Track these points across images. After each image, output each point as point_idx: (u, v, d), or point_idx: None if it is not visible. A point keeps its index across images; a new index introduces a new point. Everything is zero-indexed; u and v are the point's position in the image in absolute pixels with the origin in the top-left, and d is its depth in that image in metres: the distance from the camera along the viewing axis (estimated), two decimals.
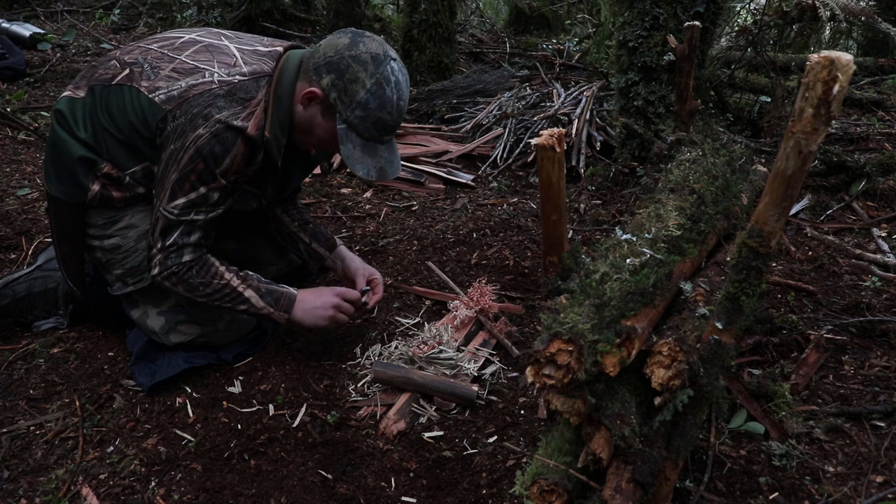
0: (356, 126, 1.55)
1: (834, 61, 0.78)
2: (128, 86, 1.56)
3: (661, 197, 1.50)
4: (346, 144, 1.56)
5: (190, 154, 1.49)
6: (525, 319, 1.97)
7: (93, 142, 1.58)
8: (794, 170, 0.87)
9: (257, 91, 1.55)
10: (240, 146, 1.52)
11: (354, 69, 1.51)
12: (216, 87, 1.52)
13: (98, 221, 1.66)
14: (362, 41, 1.54)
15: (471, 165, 3.30)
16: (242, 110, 1.52)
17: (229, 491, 1.39)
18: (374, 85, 1.51)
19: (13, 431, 1.54)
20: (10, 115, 3.31)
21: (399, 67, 1.56)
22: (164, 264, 1.57)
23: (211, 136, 1.48)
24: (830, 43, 5.16)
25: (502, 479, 1.40)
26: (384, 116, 1.55)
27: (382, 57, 1.53)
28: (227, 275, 1.62)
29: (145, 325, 1.72)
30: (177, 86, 1.53)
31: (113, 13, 5.52)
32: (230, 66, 1.57)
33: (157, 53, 1.61)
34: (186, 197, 1.53)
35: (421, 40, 4.23)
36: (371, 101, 1.52)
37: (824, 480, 1.33)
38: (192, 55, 1.60)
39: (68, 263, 1.72)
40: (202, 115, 1.49)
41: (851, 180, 2.61)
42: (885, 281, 1.95)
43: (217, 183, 1.54)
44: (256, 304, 1.63)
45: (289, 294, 1.67)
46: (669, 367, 1.09)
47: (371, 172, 1.59)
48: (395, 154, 1.66)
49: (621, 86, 2.71)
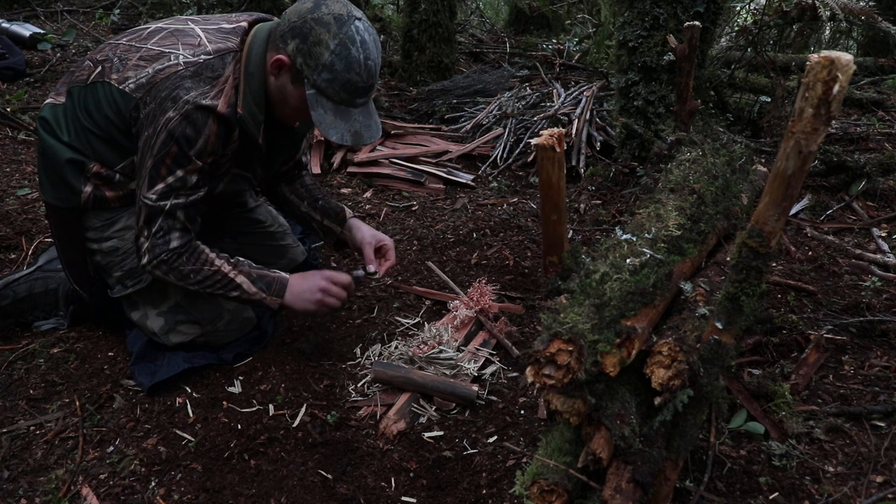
0: (324, 90, 1.51)
1: (834, 61, 0.78)
2: (100, 82, 1.57)
3: (661, 197, 1.50)
4: (317, 109, 1.52)
5: (162, 138, 1.48)
6: (525, 319, 1.97)
7: (77, 143, 1.59)
8: (794, 170, 0.87)
9: (224, 68, 1.54)
10: (211, 125, 1.50)
11: (317, 31, 1.47)
12: (182, 69, 1.51)
13: (95, 224, 1.66)
14: (325, 3, 1.50)
15: (471, 165, 3.30)
16: (211, 89, 1.51)
17: (229, 491, 1.39)
18: (337, 45, 1.47)
19: (13, 431, 1.54)
20: (10, 115, 3.31)
21: (365, 27, 1.52)
22: (152, 252, 1.56)
23: (181, 118, 1.47)
24: (830, 43, 5.15)
25: (502, 479, 1.40)
26: (352, 77, 1.50)
27: (346, 17, 1.49)
28: (218, 261, 1.61)
29: (145, 326, 1.72)
30: (144, 73, 1.53)
31: (113, 13, 5.52)
32: (195, 47, 1.56)
33: (126, 46, 1.62)
34: (164, 182, 1.52)
35: (421, 40, 4.23)
36: (336, 63, 1.48)
37: (824, 480, 1.33)
38: (157, 42, 1.60)
39: (73, 268, 1.73)
40: (171, 97, 1.48)
41: (851, 180, 2.61)
42: (885, 281, 1.95)
43: (193, 165, 1.52)
44: (248, 289, 1.62)
45: (280, 278, 1.66)
46: (669, 367, 1.09)
47: (345, 136, 1.55)
48: (371, 118, 1.61)
49: (621, 86, 2.71)
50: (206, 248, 1.62)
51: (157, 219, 1.54)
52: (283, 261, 2.05)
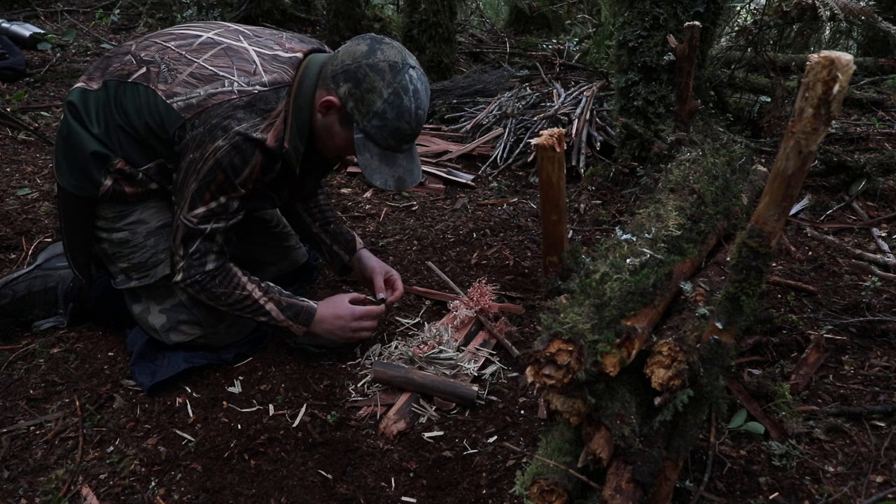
0: (373, 136, 1.53)
1: (834, 61, 0.78)
2: (144, 85, 1.54)
3: (661, 197, 1.50)
4: (364, 154, 1.54)
5: (209, 165, 1.48)
6: (525, 319, 1.97)
7: (106, 138, 1.57)
8: (794, 170, 0.87)
9: (277, 102, 1.53)
10: (258, 157, 1.51)
11: (371, 78, 1.48)
12: (235, 98, 1.50)
13: (108, 214, 1.65)
14: (380, 48, 1.51)
15: (471, 165, 3.30)
16: (262, 121, 1.51)
17: (229, 491, 1.39)
18: (391, 94, 1.48)
19: (13, 431, 1.54)
20: (10, 115, 3.31)
21: (418, 76, 1.53)
22: (187, 272, 1.58)
23: (230, 148, 1.47)
24: (830, 43, 5.16)
25: (502, 479, 1.40)
26: (402, 126, 1.52)
27: (401, 65, 1.50)
28: (250, 286, 1.63)
29: (146, 321, 1.72)
30: (195, 93, 1.51)
31: (113, 13, 5.52)
32: (250, 75, 1.54)
33: (175, 54, 1.58)
34: (206, 206, 1.53)
35: (421, 40, 4.23)
36: (388, 111, 1.49)
37: (824, 480, 1.33)
38: (210, 59, 1.57)
39: (76, 253, 1.72)
40: (221, 126, 1.48)
41: (851, 180, 2.61)
42: (885, 281, 1.95)
43: (236, 193, 1.54)
44: (277, 317, 1.66)
45: (308, 308, 1.69)
46: (669, 367, 1.09)
47: (389, 182, 1.57)
48: (414, 162, 1.63)
49: (621, 86, 2.71)
50: (238, 272, 1.64)
51: (195, 240, 1.56)
52: (285, 261, 2.04)
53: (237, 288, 1.62)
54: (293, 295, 1.71)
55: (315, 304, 1.71)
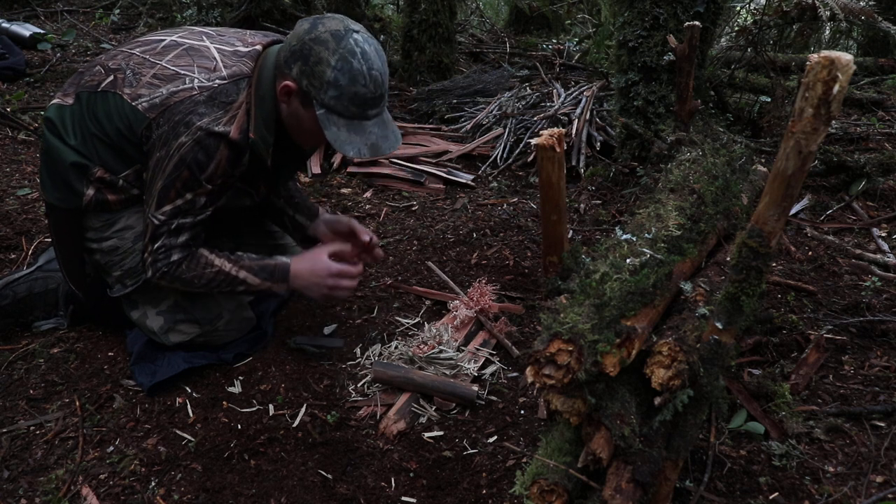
0: (334, 107, 1.50)
1: (834, 61, 0.78)
2: (112, 92, 1.56)
3: (661, 197, 1.50)
4: (330, 128, 1.51)
5: (174, 162, 1.49)
6: (525, 319, 1.97)
7: (83, 148, 1.59)
8: (794, 170, 0.87)
9: (238, 94, 1.54)
10: (223, 151, 1.51)
11: (317, 50, 1.46)
12: (196, 94, 1.51)
13: (95, 224, 1.66)
14: (321, 22, 1.50)
15: (471, 165, 3.30)
16: (223, 115, 1.51)
17: (229, 491, 1.39)
18: (338, 61, 1.46)
19: (13, 431, 1.54)
20: (10, 115, 3.31)
21: (364, 38, 1.50)
22: (154, 266, 1.59)
23: (193, 144, 1.48)
24: (830, 43, 5.16)
25: (502, 479, 1.40)
26: (359, 90, 1.48)
27: (343, 32, 1.48)
28: (218, 261, 1.63)
29: (145, 325, 1.72)
30: (158, 93, 1.53)
31: (113, 13, 5.52)
32: (210, 71, 1.55)
33: (139, 59, 1.60)
34: (173, 204, 1.54)
35: (421, 40, 4.23)
36: (340, 78, 1.47)
37: (824, 480, 1.33)
38: (172, 60, 1.59)
39: (69, 267, 1.74)
40: (184, 122, 1.49)
41: (851, 180, 2.61)
42: (885, 281, 1.95)
43: (203, 188, 1.54)
44: (253, 282, 1.65)
45: (282, 265, 1.68)
46: (669, 367, 1.09)
47: (362, 150, 1.53)
48: (388, 128, 1.59)
49: (621, 86, 2.71)
50: (204, 251, 1.63)
51: (161, 236, 1.56)
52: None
53: (206, 267, 1.61)
54: (264, 257, 1.70)
55: (288, 258, 1.70)
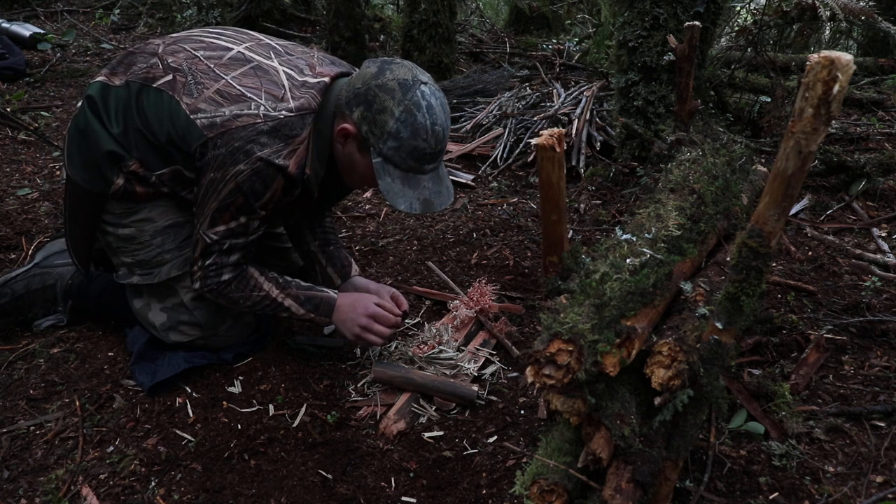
0: (391, 158, 1.48)
1: (834, 61, 0.78)
2: (168, 94, 1.51)
3: (661, 197, 1.50)
4: (384, 178, 1.49)
5: (230, 188, 1.47)
6: (525, 319, 1.97)
7: (123, 139, 1.56)
8: (794, 170, 0.87)
9: (302, 129, 1.50)
10: (279, 182, 1.49)
11: (381, 98, 1.44)
12: (260, 122, 1.47)
13: (116, 210, 1.64)
14: (389, 68, 1.47)
15: (471, 165, 3.30)
16: (284, 147, 1.48)
17: (229, 491, 1.39)
18: (402, 112, 1.43)
19: (13, 431, 1.54)
20: (10, 115, 3.32)
21: (431, 91, 1.48)
22: (203, 282, 1.59)
23: (252, 173, 1.46)
24: (830, 43, 5.15)
25: (502, 479, 1.40)
26: (419, 144, 1.46)
27: (411, 82, 1.45)
28: (266, 285, 1.62)
29: (146, 317, 1.71)
30: (220, 112, 1.48)
31: (113, 13, 5.52)
32: (277, 100, 1.50)
33: (204, 66, 1.54)
34: (226, 226, 1.52)
35: (421, 40, 4.23)
36: (402, 130, 1.44)
37: (824, 480, 1.33)
38: (239, 78, 1.53)
39: (77, 243, 1.72)
40: (244, 150, 1.45)
41: (851, 180, 2.61)
42: (885, 281, 1.95)
43: (256, 215, 1.53)
44: (297, 311, 1.65)
45: (328, 298, 1.67)
46: (669, 367, 1.09)
47: (414, 205, 1.51)
48: (442, 184, 1.57)
49: (621, 86, 2.71)
50: (254, 273, 1.63)
51: (212, 254, 1.56)
52: (283, 263, 2.04)
53: (254, 290, 1.61)
54: (314, 286, 1.68)
55: (335, 293, 1.69)
